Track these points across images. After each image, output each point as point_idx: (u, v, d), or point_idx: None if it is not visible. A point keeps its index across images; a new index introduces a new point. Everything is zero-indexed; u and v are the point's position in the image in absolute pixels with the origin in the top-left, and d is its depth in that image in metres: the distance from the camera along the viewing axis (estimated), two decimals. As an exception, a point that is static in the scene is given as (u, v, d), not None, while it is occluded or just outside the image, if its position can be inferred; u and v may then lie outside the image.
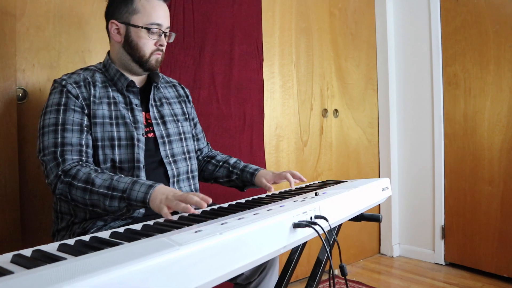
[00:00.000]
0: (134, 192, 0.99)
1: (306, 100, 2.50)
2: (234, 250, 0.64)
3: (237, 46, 2.07)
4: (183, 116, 1.39)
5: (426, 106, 2.76)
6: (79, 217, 1.15)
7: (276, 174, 1.31)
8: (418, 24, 2.78)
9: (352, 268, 2.73)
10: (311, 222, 0.80)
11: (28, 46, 1.49)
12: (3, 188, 1.41)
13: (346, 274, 0.88)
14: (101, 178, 1.03)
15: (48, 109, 1.14)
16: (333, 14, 2.67)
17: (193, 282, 0.57)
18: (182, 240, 0.60)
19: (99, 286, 0.46)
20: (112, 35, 1.24)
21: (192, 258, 0.57)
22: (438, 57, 2.66)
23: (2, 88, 1.41)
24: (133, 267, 0.50)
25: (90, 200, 1.03)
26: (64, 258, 0.57)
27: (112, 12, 1.24)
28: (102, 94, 1.20)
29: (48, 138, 1.10)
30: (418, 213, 2.84)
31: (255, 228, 0.70)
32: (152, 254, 0.53)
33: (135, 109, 1.23)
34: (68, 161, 1.07)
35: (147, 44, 1.21)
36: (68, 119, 1.12)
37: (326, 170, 2.62)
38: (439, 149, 2.68)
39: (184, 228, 0.72)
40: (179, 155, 1.30)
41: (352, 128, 2.81)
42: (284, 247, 0.78)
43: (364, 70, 2.89)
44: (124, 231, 0.76)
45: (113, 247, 0.62)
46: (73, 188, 1.03)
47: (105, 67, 1.27)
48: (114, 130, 1.17)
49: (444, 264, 2.69)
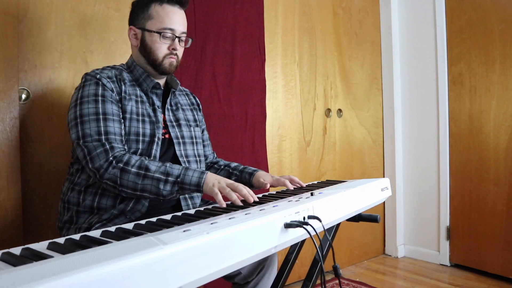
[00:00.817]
0: (187, 177, 1.08)
1: (309, 100, 2.50)
2: (221, 250, 0.64)
3: (239, 46, 2.07)
4: (195, 123, 1.45)
5: (431, 106, 2.73)
6: (85, 206, 1.18)
7: (275, 178, 1.32)
8: (423, 23, 2.76)
9: (356, 268, 2.72)
10: (303, 222, 0.80)
11: (30, 47, 1.51)
12: (5, 188, 1.43)
13: (339, 275, 0.88)
14: (154, 164, 1.09)
15: (84, 99, 1.16)
16: (337, 14, 2.66)
17: (178, 281, 0.57)
18: (168, 239, 0.60)
19: (80, 283, 0.47)
20: (131, 39, 1.31)
21: (177, 257, 0.57)
22: (443, 56, 2.63)
23: (4, 89, 1.43)
24: (115, 265, 0.50)
25: (142, 185, 1.08)
26: (51, 256, 0.58)
27: (132, 18, 1.31)
28: (131, 92, 1.25)
29: (90, 126, 1.13)
30: (423, 214, 2.81)
31: (244, 228, 0.70)
32: (135, 252, 0.53)
33: (157, 110, 1.29)
34: (117, 149, 1.12)
35: (160, 48, 1.27)
36: (108, 109, 1.16)
37: (330, 170, 2.61)
38: (444, 149, 2.66)
39: (174, 228, 0.72)
40: (191, 156, 1.35)
41: (356, 128, 2.80)
42: (275, 247, 0.78)
43: (369, 70, 2.87)
44: (115, 230, 0.76)
45: (101, 246, 0.63)
46: (125, 173, 1.08)
47: (129, 68, 1.32)
48: (140, 126, 1.22)
49: (449, 265, 2.66)
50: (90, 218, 1.16)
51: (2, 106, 1.42)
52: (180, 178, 1.08)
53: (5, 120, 1.43)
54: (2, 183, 1.43)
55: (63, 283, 0.44)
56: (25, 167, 1.49)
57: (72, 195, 1.21)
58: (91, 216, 1.16)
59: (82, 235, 0.71)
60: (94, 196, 1.18)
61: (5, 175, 1.43)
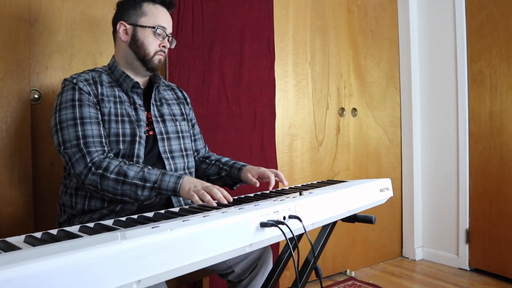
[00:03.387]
0: (164, 183, 1.10)
1: (322, 99, 2.48)
2: (185, 247, 0.65)
3: (248, 46, 2.08)
4: (182, 117, 1.45)
5: (450, 104, 2.65)
6: (78, 209, 1.22)
7: (260, 170, 1.31)
8: (442, 19, 2.67)
9: (370, 270, 2.67)
10: (279, 222, 0.80)
11: (41, 50, 1.58)
12: (17, 184, 1.50)
13: (320, 276, 0.87)
14: (132, 170, 1.12)
15: (62, 105, 1.20)
16: (351, 11, 2.62)
17: (137, 274, 0.59)
18: (132, 235, 0.62)
19: (33, 273, 0.49)
20: (120, 35, 1.32)
21: (135, 252, 0.59)
22: (463, 53, 2.55)
23: (17, 90, 1.50)
24: (72, 257, 0.53)
25: (121, 190, 1.11)
26: (19, 248, 0.61)
27: (120, 15, 1.33)
28: (109, 93, 1.27)
29: (68, 132, 1.16)
30: (442, 216, 2.73)
31: (212, 226, 0.71)
32: (93, 246, 0.56)
33: (138, 109, 1.30)
34: (94, 153, 1.14)
35: (152, 44, 1.30)
36: (85, 113, 1.19)
37: (343, 170, 2.58)
38: (463, 149, 2.57)
39: (148, 224, 0.74)
40: (177, 151, 1.36)
41: (372, 127, 2.75)
42: (250, 245, 0.79)
43: (386, 68, 2.81)
44: (93, 225, 0.79)
45: (71, 239, 0.65)
46: (104, 179, 1.11)
47: (110, 69, 1.34)
48: (119, 127, 1.23)
49: (468, 270, 2.57)
50: (82, 217, 1.20)
51: (15, 106, 1.50)
52: (157, 184, 1.10)
53: (18, 120, 1.50)
54: (15, 180, 1.50)
55: (7, 274, 0.47)
56: (37, 165, 1.56)
57: (66, 198, 1.25)
58: (84, 216, 1.20)
59: (60, 229, 0.74)
60: (84, 200, 1.21)
61: (17, 172, 1.50)
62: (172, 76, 1.84)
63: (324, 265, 2.49)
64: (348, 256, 2.61)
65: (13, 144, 1.49)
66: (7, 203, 1.48)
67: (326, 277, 2.51)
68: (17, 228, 1.49)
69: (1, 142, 1.47)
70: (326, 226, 1.22)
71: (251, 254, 1.29)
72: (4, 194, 1.48)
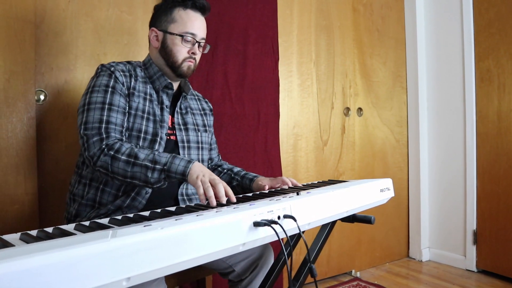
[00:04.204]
0: (174, 165, 1.09)
1: (327, 98, 2.47)
2: (175, 245, 0.66)
3: (251, 46, 2.09)
4: (204, 128, 1.47)
5: (458, 104, 2.62)
6: (88, 198, 1.24)
7: (273, 180, 1.34)
8: (449, 17, 2.65)
9: (376, 271, 2.66)
10: (272, 221, 0.80)
11: (47, 51, 1.60)
12: (23, 183, 1.53)
13: (315, 276, 0.87)
14: (143, 152, 1.12)
15: (95, 88, 1.22)
16: (357, 10, 2.61)
17: (126, 272, 0.59)
18: (122, 233, 0.63)
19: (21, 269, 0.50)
20: (151, 41, 1.35)
21: (124, 250, 0.59)
22: (470, 52, 2.52)
23: (22, 90, 1.53)
24: (57, 255, 0.54)
25: (131, 173, 1.11)
26: (13, 245, 0.62)
27: (154, 21, 1.36)
28: (141, 89, 1.29)
29: (94, 114, 1.18)
30: (449, 216, 2.70)
31: (203, 225, 0.71)
32: (82, 243, 0.57)
33: (165, 109, 1.32)
34: (112, 138, 1.16)
35: (181, 51, 1.30)
36: (115, 100, 1.21)
37: (348, 170, 2.57)
38: (471, 149, 2.54)
39: (141, 223, 0.75)
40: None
41: (378, 127, 2.73)
42: (243, 244, 0.79)
43: (392, 67, 2.80)
44: (89, 223, 0.80)
45: (64, 237, 0.67)
46: (115, 161, 1.12)
47: (145, 65, 1.37)
48: (143, 124, 1.26)
49: (475, 271, 2.54)
50: (90, 212, 1.22)
51: (21, 107, 1.52)
52: (167, 166, 1.09)
53: (23, 120, 1.53)
54: (20, 179, 1.53)
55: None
56: (42, 164, 1.58)
57: (79, 187, 1.27)
58: (92, 210, 1.22)
59: (55, 227, 0.75)
60: (96, 191, 1.23)
61: (22, 171, 1.53)
62: (175, 76, 1.85)
63: (329, 265, 2.48)
64: (353, 256, 2.60)
65: (18, 144, 1.52)
66: (13, 201, 1.51)
67: (331, 277, 2.51)
68: (22, 226, 1.52)
69: (7, 142, 1.50)
70: (325, 226, 1.22)
71: (252, 254, 1.29)
72: (10, 193, 1.51)
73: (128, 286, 0.61)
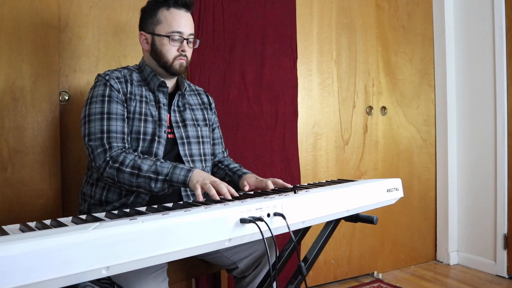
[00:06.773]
0: (175, 176, 1.16)
1: (348, 97, 2.44)
2: (155, 238, 0.69)
3: (269, 45, 2.10)
4: (204, 122, 1.49)
5: (488, 102, 2.51)
6: (96, 199, 1.31)
7: (258, 180, 1.32)
8: (480, 13, 2.53)
9: (399, 273, 2.60)
10: (258, 218, 0.82)
11: (70, 54, 1.69)
12: (47, 178, 1.63)
13: (304, 274, 0.87)
14: (146, 163, 1.18)
15: (93, 99, 1.29)
16: (380, 7, 2.55)
17: (105, 261, 0.63)
18: (106, 225, 0.67)
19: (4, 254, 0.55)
20: (142, 44, 1.40)
21: (104, 240, 0.63)
22: (501, 48, 2.40)
23: (47, 92, 1.63)
24: (39, 242, 0.58)
25: (136, 183, 1.18)
26: (7, 234, 0.68)
27: (141, 24, 1.40)
28: (137, 92, 1.34)
29: (94, 125, 1.25)
30: (479, 219, 2.59)
31: (188, 220, 0.74)
32: (64, 233, 0.61)
33: (162, 108, 1.36)
34: (114, 148, 1.22)
35: (170, 51, 1.33)
36: (113, 109, 1.27)
37: (371, 169, 2.52)
38: (502, 149, 2.42)
39: (131, 217, 0.79)
40: (197, 156, 1.41)
41: (403, 126, 2.66)
42: (229, 240, 0.81)
43: (419, 65, 2.72)
44: (85, 217, 0.85)
45: (58, 228, 0.72)
46: (120, 173, 1.18)
47: (140, 68, 1.42)
48: (141, 125, 1.31)
49: (507, 277, 2.42)
50: (98, 210, 1.29)
51: (45, 107, 1.63)
52: (168, 176, 1.16)
53: (48, 120, 1.63)
54: (45, 175, 1.63)
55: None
56: (65, 161, 1.68)
57: (87, 187, 1.34)
58: (99, 208, 1.29)
59: (53, 220, 0.81)
60: (102, 190, 1.30)
61: (47, 167, 1.63)
62: (193, 76, 1.90)
63: (350, 266, 2.45)
64: (376, 257, 2.55)
65: (43, 142, 1.62)
66: (38, 196, 1.62)
67: (352, 278, 2.48)
68: (47, 218, 1.61)
69: (33, 140, 1.61)
70: (328, 225, 1.22)
71: (255, 251, 1.31)
72: (36, 188, 1.61)
73: (108, 274, 0.66)
